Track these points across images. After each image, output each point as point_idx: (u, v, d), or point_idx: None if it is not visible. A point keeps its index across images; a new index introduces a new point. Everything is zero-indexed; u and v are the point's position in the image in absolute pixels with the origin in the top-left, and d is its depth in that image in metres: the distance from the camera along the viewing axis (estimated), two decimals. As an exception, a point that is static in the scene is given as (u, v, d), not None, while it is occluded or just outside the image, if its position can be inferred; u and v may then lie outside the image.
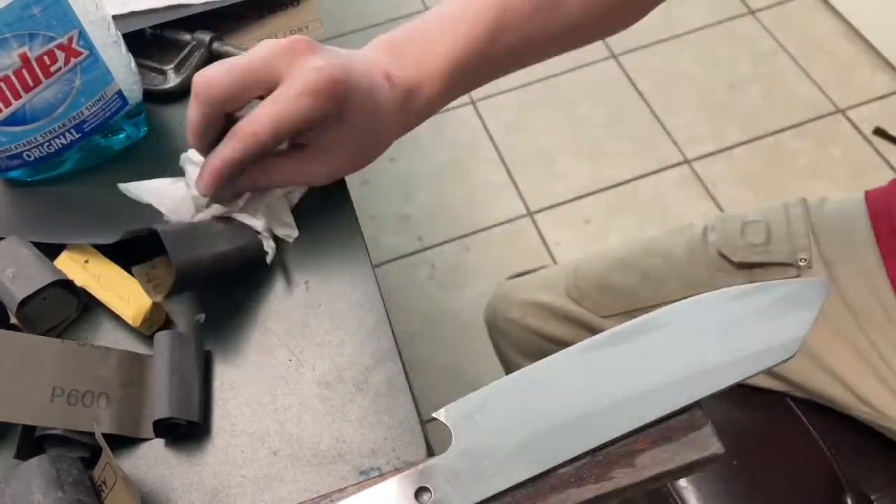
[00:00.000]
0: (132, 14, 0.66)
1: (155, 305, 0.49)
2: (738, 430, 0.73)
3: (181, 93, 0.65)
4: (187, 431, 0.45)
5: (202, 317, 0.51)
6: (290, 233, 0.54)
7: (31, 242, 0.51)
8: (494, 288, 0.93)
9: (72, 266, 0.51)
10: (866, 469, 0.70)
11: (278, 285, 0.52)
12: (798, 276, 0.71)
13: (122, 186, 0.52)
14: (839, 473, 0.69)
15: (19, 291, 0.47)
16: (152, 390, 0.45)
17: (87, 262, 0.51)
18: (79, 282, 0.50)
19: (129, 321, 0.48)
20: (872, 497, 0.68)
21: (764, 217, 0.75)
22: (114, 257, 0.51)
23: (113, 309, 0.49)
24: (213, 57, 0.67)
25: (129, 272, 0.50)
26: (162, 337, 0.47)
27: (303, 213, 0.56)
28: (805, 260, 0.71)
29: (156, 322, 0.49)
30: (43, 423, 0.42)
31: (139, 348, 0.49)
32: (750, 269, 0.74)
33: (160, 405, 0.44)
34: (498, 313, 0.91)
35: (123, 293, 0.49)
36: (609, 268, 0.81)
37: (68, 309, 0.50)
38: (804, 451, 0.71)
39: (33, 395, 0.42)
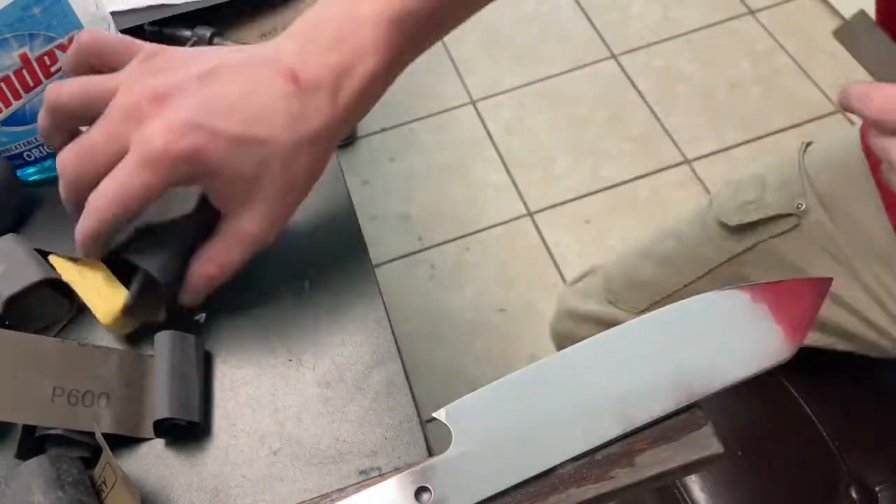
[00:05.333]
0: (132, 10, 0.66)
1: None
2: (741, 421, 0.73)
3: (181, 93, 0.64)
4: (187, 431, 0.45)
5: (202, 317, 0.51)
6: None
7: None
8: (558, 298, 0.93)
9: (60, 260, 0.50)
10: (870, 460, 0.70)
11: (278, 285, 0.52)
12: (798, 224, 0.68)
13: None
14: (843, 464, 0.70)
15: (6, 289, 0.47)
16: (152, 390, 0.45)
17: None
18: (64, 275, 0.50)
19: (99, 318, 0.48)
20: (876, 488, 0.69)
21: (758, 170, 0.73)
22: (109, 258, 0.51)
23: (87, 304, 0.49)
24: (213, 57, 0.67)
25: (120, 277, 0.49)
26: (162, 337, 0.47)
27: (303, 213, 0.56)
28: (801, 205, 0.68)
29: (129, 324, 0.49)
30: (43, 423, 0.42)
31: (139, 348, 0.49)
32: (752, 229, 0.70)
33: (160, 405, 0.44)
34: (557, 326, 0.91)
35: (103, 290, 0.49)
36: (634, 262, 0.80)
37: (59, 310, 0.50)
38: (808, 441, 0.71)
39: (34, 394, 0.42)
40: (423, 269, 1.46)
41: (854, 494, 0.68)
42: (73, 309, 0.50)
